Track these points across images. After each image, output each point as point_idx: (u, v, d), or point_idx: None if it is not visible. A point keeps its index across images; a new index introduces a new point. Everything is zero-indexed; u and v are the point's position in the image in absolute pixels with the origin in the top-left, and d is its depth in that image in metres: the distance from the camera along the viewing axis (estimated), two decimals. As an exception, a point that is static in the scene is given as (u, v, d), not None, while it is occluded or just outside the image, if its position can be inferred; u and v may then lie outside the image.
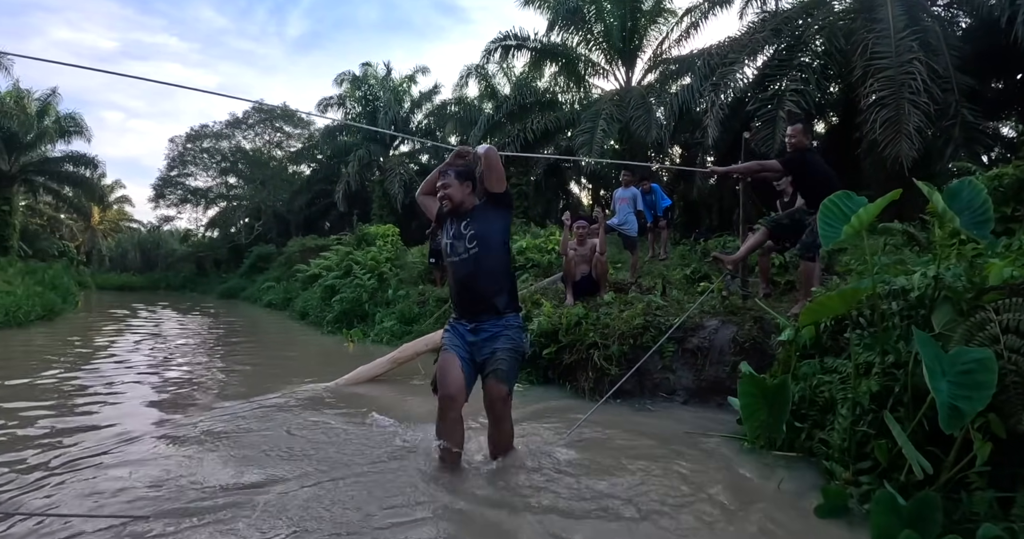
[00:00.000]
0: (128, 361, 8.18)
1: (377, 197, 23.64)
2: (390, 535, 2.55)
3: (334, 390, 5.98)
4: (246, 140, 34.78)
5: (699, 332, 5.07)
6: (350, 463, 3.50)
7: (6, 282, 15.80)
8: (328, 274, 12.91)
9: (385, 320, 10.25)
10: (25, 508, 2.82)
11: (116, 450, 3.84)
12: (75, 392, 5.95)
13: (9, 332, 11.06)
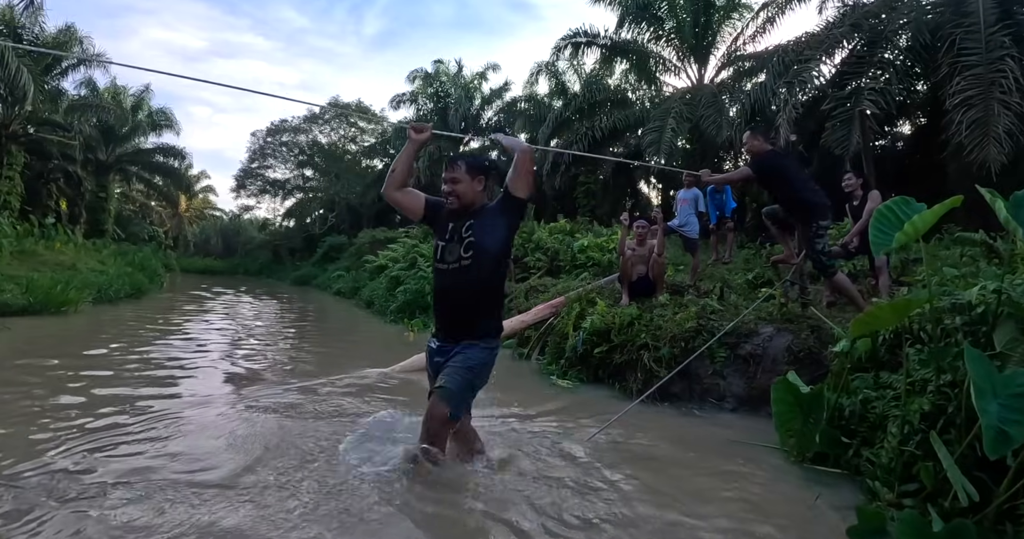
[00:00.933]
0: (206, 338, 8.74)
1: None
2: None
3: (388, 376, 6.18)
4: (322, 135, 35.91)
5: (753, 338, 4.94)
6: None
7: (100, 262, 16.98)
8: (394, 265, 13.23)
9: (443, 312, 10.42)
10: (112, 466, 3.07)
11: (188, 417, 4.12)
12: (156, 364, 6.39)
13: (101, 307, 11.84)
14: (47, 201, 23.60)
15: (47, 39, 21.61)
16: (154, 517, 2.49)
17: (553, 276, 10.58)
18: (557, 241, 11.84)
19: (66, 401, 4.49)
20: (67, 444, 3.41)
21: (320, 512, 2.61)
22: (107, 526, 2.39)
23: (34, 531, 2.34)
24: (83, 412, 4.17)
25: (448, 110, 25.81)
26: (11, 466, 3.00)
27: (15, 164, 19.11)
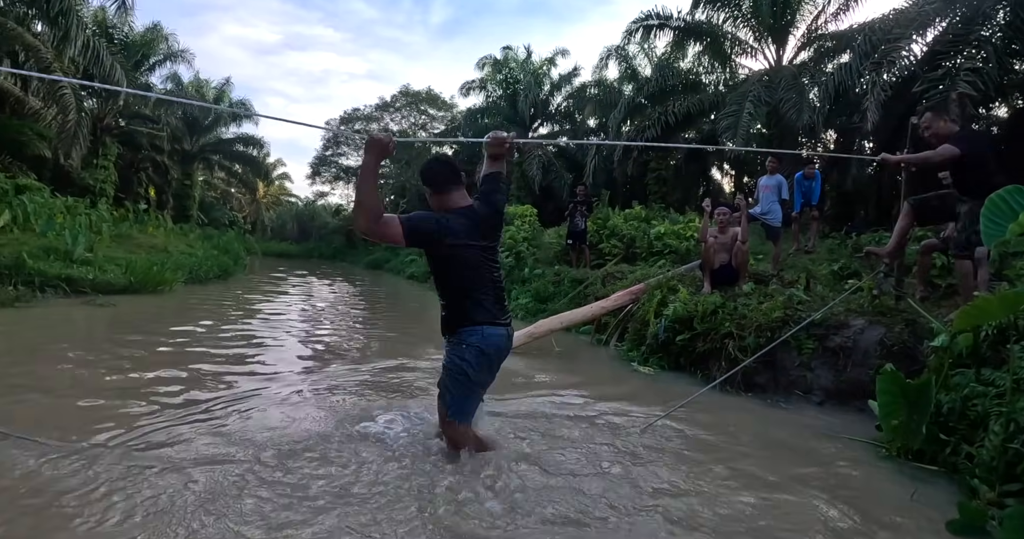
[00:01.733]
0: (284, 318, 9.27)
1: (516, 178, 24.12)
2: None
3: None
4: (393, 122, 36.69)
5: (843, 331, 4.90)
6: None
7: (188, 245, 18.05)
8: (468, 251, 13.53)
9: (520, 297, 10.65)
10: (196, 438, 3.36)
11: (263, 394, 4.42)
12: (240, 341, 6.85)
13: (192, 287, 12.67)
14: (137, 189, 25.15)
15: (136, 37, 22.99)
16: (215, 491, 2.65)
17: (629, 263, 10.63)
18: (633, 228, 11.85)
19: (159, 374, 4.90)
20: (154, 414, 3.75)
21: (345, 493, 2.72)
22: (174, 494, 2.57)
23: (108, 498, 2.52)
24: (172, 384, 4.59)
25: (517, 96, 25.88)
26: (92, 431, 3.31)
27: (110, 154, 20.39)
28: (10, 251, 9.11)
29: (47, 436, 3.13)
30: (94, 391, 4.19)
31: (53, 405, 3.87)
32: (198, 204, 31.90)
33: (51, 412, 3.71)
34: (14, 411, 3.62)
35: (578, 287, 9.71)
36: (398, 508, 2.55)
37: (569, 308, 8.46)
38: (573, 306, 8.66)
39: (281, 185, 53.14)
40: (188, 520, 2.33)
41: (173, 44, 24.99)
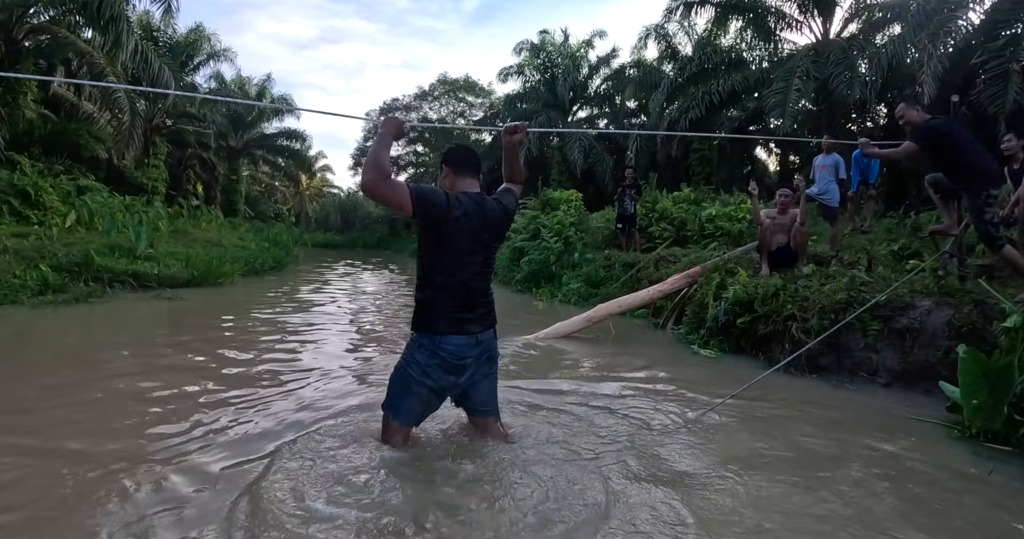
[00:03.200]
0: (335, 307, 9.62)
1: (556, 162, 24.16)
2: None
3: (532, 343, 6.60)
4: (432, 111, 36.95)
5: (909, 312, 4.91)
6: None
7: (239, 239, 18.68)
8: (516, 236, 13.66)
9: (571, 282, 10.80)
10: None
11: (314, 381, 4.60)
12: (298, 330, 7.13)
13: (249, 279, 13.15)
14: (187, 185, 26.02)
15: (179, 39, 23.75)
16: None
17: (680, 246, 10.66)
18: (683, 210, 11.84)
19: (222, 363, 5.21)
20: (210, 401, 3.98)
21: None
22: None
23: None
24: (236, 371, 4.90)
25: (556, 80, 25.80)
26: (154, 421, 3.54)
27: (160, 154, 21.13)
28: (78, 250, 9.59)
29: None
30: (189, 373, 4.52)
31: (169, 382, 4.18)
32: (245, 198, 32.85)
33: (170, 385, 4.01)
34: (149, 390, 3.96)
35: (630, 271, 9.81)
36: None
37: (622, 293, 8.58)
38: (626, 290, 8.78)
39: (323, 177, 54.14)
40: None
41: (215, 44, 25.81)
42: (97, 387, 4.21)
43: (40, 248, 9.12)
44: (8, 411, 3.56)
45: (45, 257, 8.82)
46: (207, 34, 25.35)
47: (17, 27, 13.68)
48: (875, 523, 2.50)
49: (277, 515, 2.34)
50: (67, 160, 15.44)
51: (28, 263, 8.44)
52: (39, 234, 10.06)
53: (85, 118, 16.85)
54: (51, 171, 13.71)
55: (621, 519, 2.42)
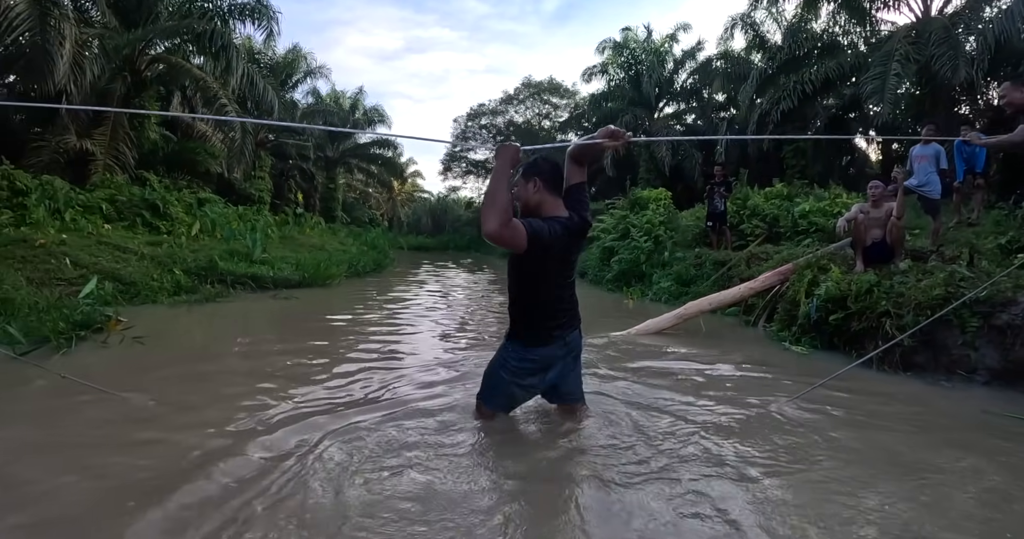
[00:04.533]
0: (430, 304, 10.22)
1: (644, 161, 24.06)
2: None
3: (625, 339, 6.84)
4: (517, 114, 37.57)
5: (1011, 308, 4.79)
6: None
7: (340, 243, 19.87)
8: (606, 236, 13.86)
9: (662, 281, 10.91)
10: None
11: (411, 375, 4.87)
12: (399, 327, 7.64)
13: (352, 281, 13.94)
14: (288, 194, 27.83)
15: (279, 60, 25.54)
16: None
17: (773, 243, 10.55)
18: (775, 207, 11.66)
19: (334, 350, 5.79)
20: (325, 380, 4.52)
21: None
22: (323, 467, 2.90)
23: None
24: (346, 357, 5.47)
25: (640, 77, 25.66)
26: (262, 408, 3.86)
27: (265, 166, 22.78)
28: (203, 255, 10.63)
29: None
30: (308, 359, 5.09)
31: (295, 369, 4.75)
32: (342, 205, 34.64)
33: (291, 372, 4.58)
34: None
35: (721, 269, 9.84)
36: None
37: (713, 291, 8.65)
38: (716, 288, 8.84)
39: (414, 182, 55.96)
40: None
41: (311, 62, 27.65)
42: (230, 368, 5.03)
43: (172, 254, 10.17)
44: (166, 387, 4.21)
45: (176, 262, 9.84)
46: (304, 53, 27.21)
47: (139, 59, 15.18)
48: (964, 519, 2.54)
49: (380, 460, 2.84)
50: (187, 175, 17.13)
51: (163, 268, 9.45)
52: (169, 242, 11.20)
53: (199, 137, 18.50)
54: (175, 186, 15.30)
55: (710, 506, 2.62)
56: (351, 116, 32.28)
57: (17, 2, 10.06)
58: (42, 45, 10.47)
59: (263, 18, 16.75)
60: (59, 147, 13.19)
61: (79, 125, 13.88)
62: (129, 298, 8.02)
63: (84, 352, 5.34)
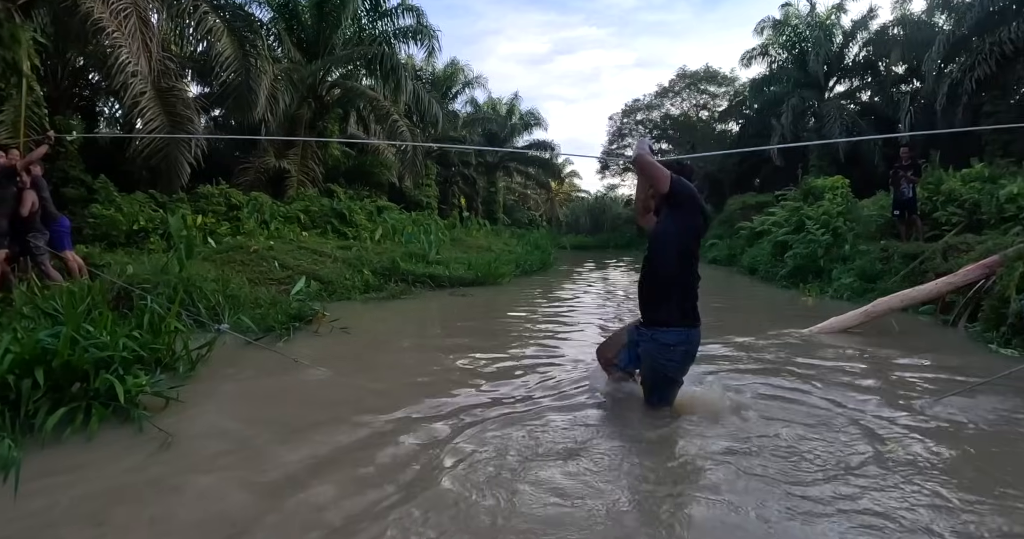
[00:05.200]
0: (597, 303, 10.31)
1: (815, 147, 22.50)
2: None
3: (807, 337, 6.57)
4: (673, 107, 36.45)
5: None
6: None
7: (505, 244, 20.66)
8: (778, 230, 13.21)
9: (843, 276, 10.24)
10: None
11: (571, 374, 4.97)
12: (564, 323, 7.93)
13: (520, 280, 14.41)
14: (452, 199, 29.35)
15: (439, 74, 27.14)
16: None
17: (974, 232, 9.48)
18: (975, 190, 10.39)
19: (507, 342, 6.25)
20: (500, 368, 4.93)
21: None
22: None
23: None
24: (516, 349, 5.89)
25: (806, 56, 23.85)
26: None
27: (431, 174, 24.32)
28: (386, 257, 11.61)
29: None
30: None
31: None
32: (503, 207, 35.84)
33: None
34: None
35: (912, 263, 9.03)
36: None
37: (902, 287, 7.97)
38: (907, 284, 8.13)
39: (571, 182, 56.45)
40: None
41: (468, 73, 29.19)
42: (413, 356, 5.79)
43: (359, 257, 11.19)
44: (361, 370, 4.83)
45: (364, 264, 10.81)
46: (461, 66, 28.72)
47: (321, 86, 16.97)
48: None
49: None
50: (366, 186, 18.93)
51: (353, 269, 10.45)
52: (356, 246, 12.37)
53: (374, 151, 20.25)
54: (357, 196, 17.02)
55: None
56: (508, 121, 33.26)
57: (225, 48, 11.59)
58: (246, 82, 11.98)
59: (424, 37, 18.13)
60: (261, 167, 15.31)
61: (276, 148, 15.92)
62: (328, 295, 8.99)
63: (300, 340, 6.29)
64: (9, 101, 9.00)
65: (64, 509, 2.58)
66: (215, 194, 12.30)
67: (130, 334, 4.29)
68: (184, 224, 9.41)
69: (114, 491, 2.76)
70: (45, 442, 3.19)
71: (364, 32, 18.03)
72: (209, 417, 3.77)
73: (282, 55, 16.49)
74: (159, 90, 10.72)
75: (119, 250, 9.16)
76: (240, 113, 12.80)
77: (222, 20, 11.57)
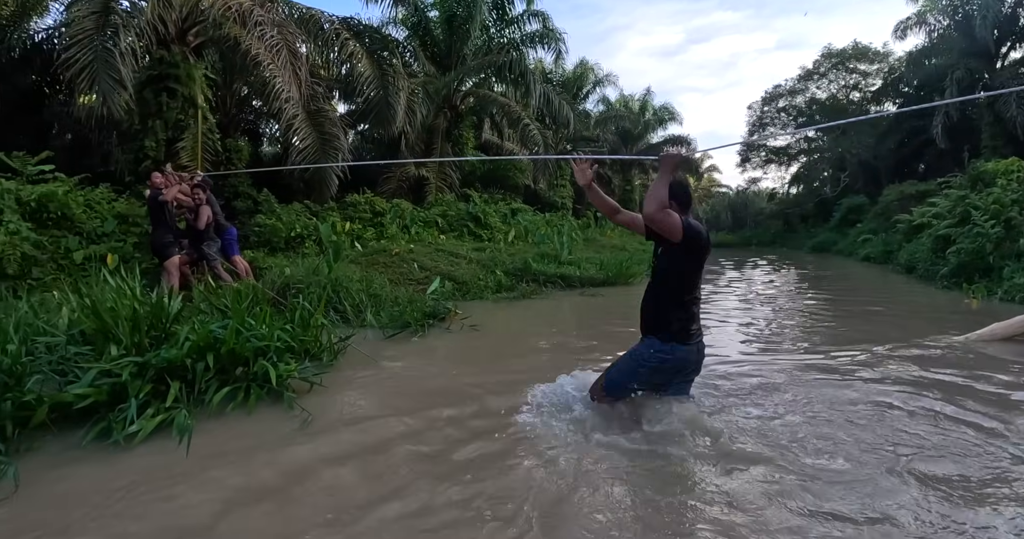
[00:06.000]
0: (735, 301, 9.98)
1: (987, 125, 20.13)
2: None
3: (963, 345, 5.94)
4: (820, 90, 34.23)
5: None
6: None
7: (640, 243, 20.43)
8: (939, 223, 12.02)
9: (1015, 275, 9.16)
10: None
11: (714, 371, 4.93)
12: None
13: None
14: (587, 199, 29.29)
15: (568, 75, 27.41)
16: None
17: None
18: None
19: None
20: None
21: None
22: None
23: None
24: None
25: (971, 21, 20.89)
26: None
27: (564, 174, 24.47)
28: (519, 258, 11.94)
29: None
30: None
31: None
32: (639, 205, 35.23)
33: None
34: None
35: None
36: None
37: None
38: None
39: (710, 177, 54.61)
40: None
41: (598, 72, 29.23)
42: (540, 355, 5.98)
43: (493, 258, 11.62)
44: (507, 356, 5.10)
45: (497, 264, 11.20)
46: (590, 65, 28.83)
47: (455, 96, 17.80)
48: None
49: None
50: (500, 189, 19.62)
51: (486, 269, 10.87)
52: (490, 248, 12.87)
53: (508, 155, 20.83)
54: (492, 199, 17.68)
55: None
56: (641, 118, 32.83)
57: (365, 69, 12.50)
58: (385, 98, 12.84)
59: (551, 41, 18.49)
60: (402, 176, 16.35)
61: (415, 156, 16.87)
62: (462, 295, 9.45)
63: (433, 336, 6.72)
64: (188, 129, 10.40)
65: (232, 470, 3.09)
66: (361, 202, 13.31)
67: (284, 327, 4.82)
68: (334, 230, 10.32)
69: (264, 451, 3.31)
70: (212, 415, 3.77)
71: (493, 41, 18.67)
72: (345, 400, 4.24)
73: (417, 70, 17.49)
74: (309, 112, 11.75)
75: (279, 254, 10.18)
76: (382, 127, 13.73)
77: (361, 44, 12.43)
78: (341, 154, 11.91)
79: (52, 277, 7.16)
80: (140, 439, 3.37)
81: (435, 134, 17.26)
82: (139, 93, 10.18)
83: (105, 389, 3.60)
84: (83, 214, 8.31)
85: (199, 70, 10.71)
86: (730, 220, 47.88)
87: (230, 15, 10.15)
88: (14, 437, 3.30)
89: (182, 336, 4.16)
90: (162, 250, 7.30)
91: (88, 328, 4.22)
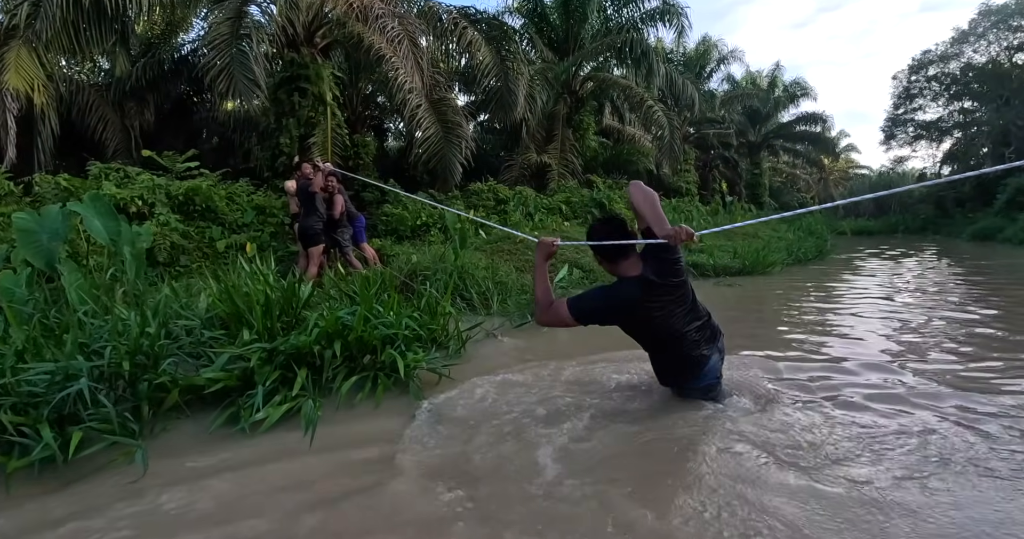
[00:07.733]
0: (875, 302, 8.29)
1: None
2: None
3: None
4: (977, 53, 30.39)
5: None
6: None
7: (773, 230, 19.01)
8: None
9: None
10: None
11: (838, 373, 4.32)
12: (834, 315, 7.07)
13: (791, 269, 13.22)
14: (713, 184, 28.08)
15: (690, 54, 26.19)
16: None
17: None
18: None
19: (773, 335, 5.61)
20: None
21: None
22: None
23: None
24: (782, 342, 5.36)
25: None
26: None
27: (689, 159, 23.55)
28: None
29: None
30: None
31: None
32: (768, 190, 33.16)
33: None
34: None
35: None
36: None
37: None
38: None
39: (848, 157, 50.62)
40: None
41: (722, 48, 27.68)
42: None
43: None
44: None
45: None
46: (713, 42, 27.32)
47: (574, 81, 17.38)
48: None
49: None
50: (623, 175, 19.08)
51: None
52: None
53: (630, 140, 20.20)
54: (616, 185, 17.16)
55: None
56: (770, 95, 30.55)
57: (485, 57, 12.40)
58: (505, 86, 12.68)
59: (672, 17, 17.44)
60: (524, 163, 16.29)
61: (536, 143, 16.80)
62: (590, 282, 8.96)
63: None
64: (319, 126, 10.79)
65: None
66: (484, 190, 13.27)
67: (411, 315, 4.66)
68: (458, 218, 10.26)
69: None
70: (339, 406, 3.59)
71: (611, 22, 18.02)
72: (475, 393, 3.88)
73: (536, 56, 17.26)
74: (432, 102, 11.82)
75: (405, 243, 10.26)
76: (503, 114, 13.60)
77: (480, 33, 12.34)
78: (464, 142, 11.93)
79: (197, 265, 7.64)
80: (266, 427, 3.25)
81: (555, 120, 16.96)
82: (273, 94, 10.76)
83: (236, 374, 3.55)
84: (225, 206, 8.88)
85: (327, 69, 11.06)
86: (872, 205, 43.84)
87: (352, 13, 10.36)
88: (149, 417, 3.29)
89: (311, 322, 4.07)
90: (310, 238, 7.46)
91: (223, 312, 4.24)
